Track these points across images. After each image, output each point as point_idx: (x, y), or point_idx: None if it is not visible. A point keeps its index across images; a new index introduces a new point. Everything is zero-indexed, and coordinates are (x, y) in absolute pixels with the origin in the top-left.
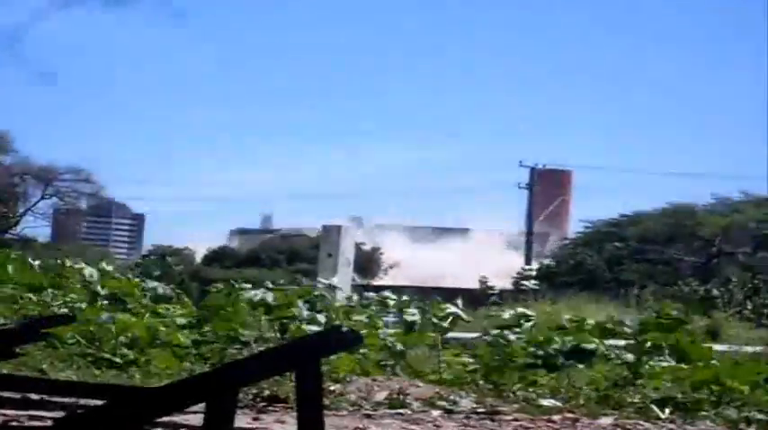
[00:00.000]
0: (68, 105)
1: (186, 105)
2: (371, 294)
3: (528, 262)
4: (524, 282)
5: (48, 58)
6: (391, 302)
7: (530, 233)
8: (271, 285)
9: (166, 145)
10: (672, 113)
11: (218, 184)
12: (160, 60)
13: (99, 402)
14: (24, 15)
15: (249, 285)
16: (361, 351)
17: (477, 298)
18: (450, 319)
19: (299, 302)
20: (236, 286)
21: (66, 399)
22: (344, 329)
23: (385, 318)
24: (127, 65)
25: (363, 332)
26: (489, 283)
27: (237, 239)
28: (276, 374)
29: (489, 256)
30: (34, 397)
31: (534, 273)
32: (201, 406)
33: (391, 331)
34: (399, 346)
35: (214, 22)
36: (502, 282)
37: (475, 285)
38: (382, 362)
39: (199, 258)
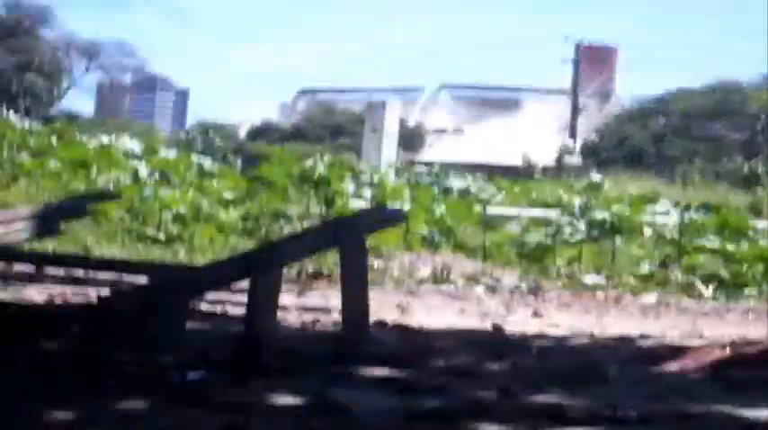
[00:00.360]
0: None
1: None
2: (420, 168)
3: (573, 137)
4: (568, 159)
5: None
6: (436, 176)
7: (575, 109)
8: (317, 160)
9: (211, 20)
10: None
11: (263, 59)
12: None
13: (143, 279)
14: None
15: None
16: (407, 227)
17: (521, 174)
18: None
19: (346, 177)
20: (282, 159)
21: (111, 277)
22: (388, 207)
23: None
24: None
25: (407, 208)
26: (532, 161)
27: (284, 111)
28: (320, 252)
29: (538, 132)
30: (79, 273)
31: (578, 148)
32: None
33: (436, 207)
34: (446, 221)
35: None
36: (546, 158)
37: (519, 162)
38: (427, 239)
39: (243, 133)
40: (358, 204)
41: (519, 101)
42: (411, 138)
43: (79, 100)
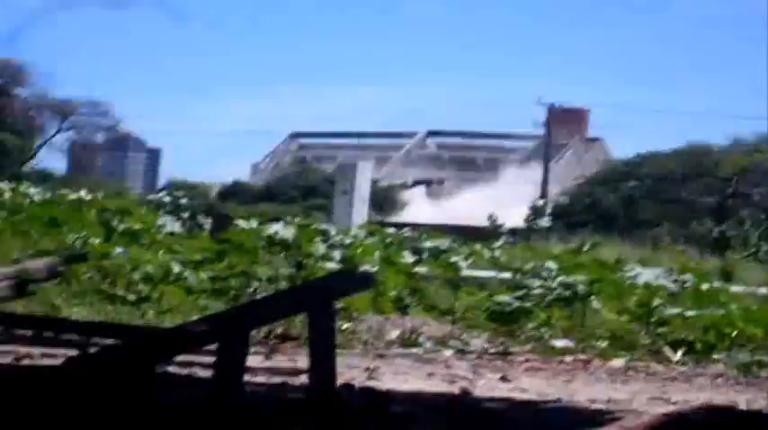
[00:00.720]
0: (86, 37)
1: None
2: (391, 230)
3: (543, 199)
4: (537, 221)
5: None
6: (407, 239)
7: (546, 171)
8: (288, 222)
9: (185, 79)
10: (689, 53)
11: (236, 119)
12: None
13: (111, 340)
14: None
15: (270, 222)
16: (376, 289)
17: (489, 235)
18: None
19: (316, 239)
20: (252, 222)
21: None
22: (358, 271)
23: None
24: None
25: (377, 269)
26: (501, 222)
27: (252, 174)
28: (289, 316)
29: (510, 194)
30: (47, 334)
31: (548, 210)
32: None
33: (407, 268)
34: (416, 283)
35: None
36: (517, 220)
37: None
38: (397, 301)
39: (214, 193)
40: (328, 267)
41: (495, 161)
42: (383, 200)
43: (52, 158)
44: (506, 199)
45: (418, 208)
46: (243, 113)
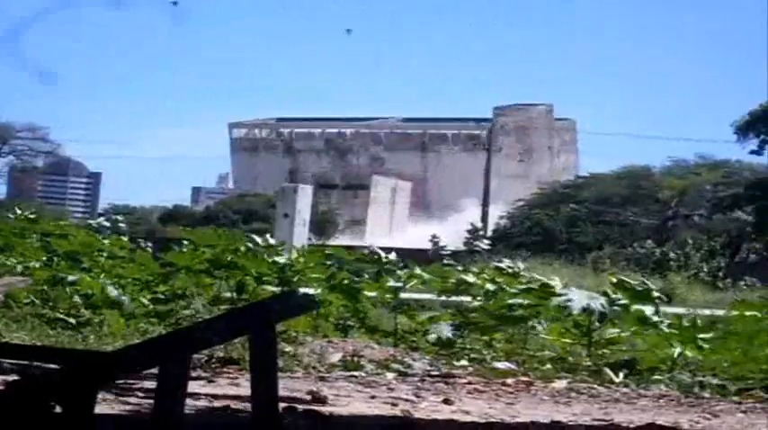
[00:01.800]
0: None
1: (143, 65)
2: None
3: (483, 221)
4: (477, 243)
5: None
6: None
7: (486, 192)
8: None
9: (124, 104)
10: (628, 74)
11: (176, 143)
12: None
13: (51, 365)
14: None
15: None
16: (318, 311)
17: (430, 258)
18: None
19: (258, 262)
20: (193, 244)
21: (18, 362)
22: (299, 293)
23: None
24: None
25: (319, 292)
26: (441, 243)
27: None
28: (229, 340)
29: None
30: None
31: (489, 232)
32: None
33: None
34: (358, 306)
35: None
36: (456, 242)
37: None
38: (339, 323)
39: (154, 217)
40: (270, 289)
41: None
42: (324, 223)
43: None
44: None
45: (356, 231)
46: (182, 138)
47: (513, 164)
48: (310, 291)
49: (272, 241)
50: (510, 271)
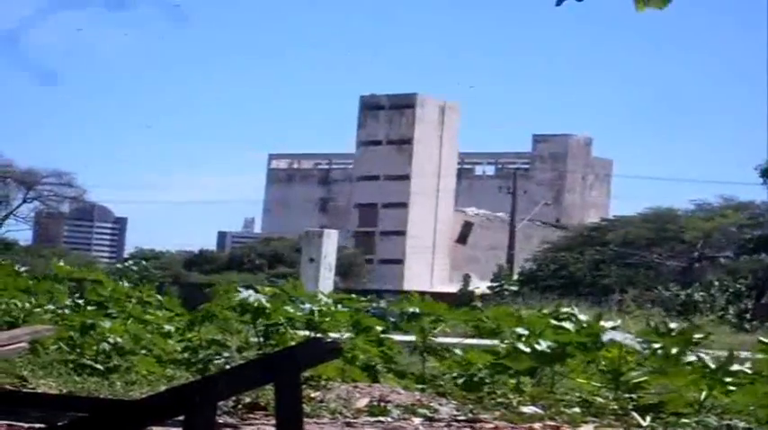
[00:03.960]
0: (52, 110)
1: (171, 110)
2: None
3: (510, 263)
4: (504, 285)
5: (31, 61)
6: (374, 305)
7: (512, 236)
8: (258, 290)
9: (150, 148)
10: (652, 118)
11: (202, 188)
12: (144, 66)
13: (76, 413)
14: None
15: (245, 290)
16: (345, 356)
17: (460, 301)
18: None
19: (286, 307)
20: (227, 290)
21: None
22: (326, 339)
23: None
24: (110, 70)
25: (347, 336)
26: (471, 287)
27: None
28: (256, 387)
29: (478, 259)
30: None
31: (515, 275)
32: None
33: (376, 335)
34: (385, 349)
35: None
36: (484, 285)
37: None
38: (366, 368)
39: (180, 262)
40: (298, 335)
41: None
42: (349, 267)
43: (16, 229)
44: (472, 259)
45: (384, 273)
46: (208, 183)
47: (545, 193)
48: (338, 336)
49: (301, 285)
50: (538, 313)
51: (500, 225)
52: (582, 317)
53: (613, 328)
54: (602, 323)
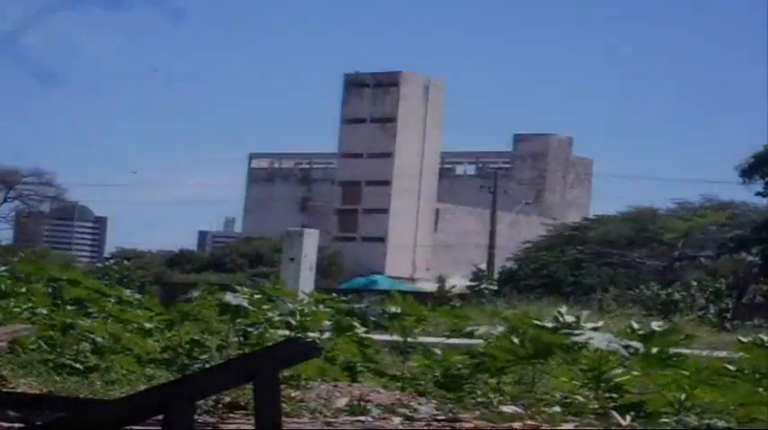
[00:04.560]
0: (32, 109)
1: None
2: (338, 296)
3: (490, 263)
4: (484, 285)
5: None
6: (354, 304)
7: (492, 236)
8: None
9: (131, 148)
10: (633, 117)
11: (182, 188)
12: (125, 65)
13: (56, 413)
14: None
15: (228, 294)
16: (325, 356)
17: (438, 300)
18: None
19: (265, 307)
20: (206, 291)
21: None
22: (303, 340)
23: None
24: (92, 70)
25: (327, 336)
26: (448, 285)
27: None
28: (233, 387)
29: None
30: None
31: (495, 274)
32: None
33: (356, 335)
34: (365, 349)
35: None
36: (462, 284)
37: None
38: (346, 368)
39: (161, 262)
40: (278, 334)
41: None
42: (330, 266)
43: None
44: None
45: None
46: (189, 183)
47: (525, 194)
48: (318, 335)
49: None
50: (519, 312)
51: (478, 215)
52: (568, 318)
53: (595, 329)
54: (582, 323)
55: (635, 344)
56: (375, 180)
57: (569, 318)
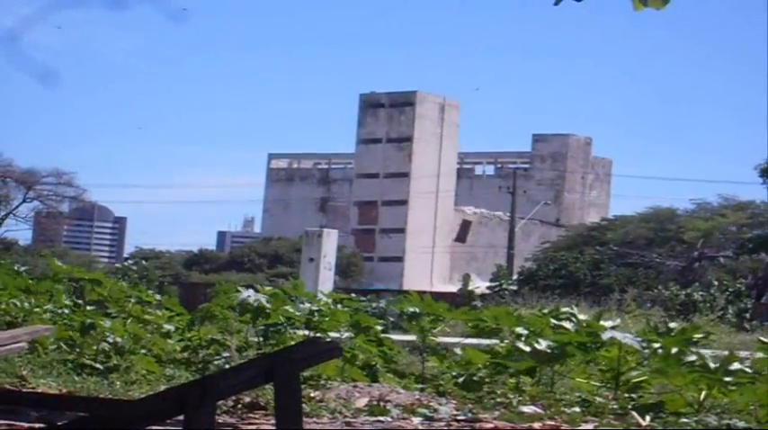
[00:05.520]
0: (51, 110)
1: (171, 110)
2: (358, 296)
3: (510, 263)
4: (504, 285)
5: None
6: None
7: (511, 238)
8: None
9: (150, 148)
10: (653, 117)
11: (202, 188)
12: (145, 66)
13: (76, 413)
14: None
15: (246, 289)
16: (345, 356)
17: (460, 300)
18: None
19: (286, 307)
20: (226, 290)
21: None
22: (323, 340)
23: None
24: (107, 70)
25: (347, 336)
26: (471, 286)
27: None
28: (255, 387)
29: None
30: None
31: (515, 274)
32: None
33: (376, 335)
34: (385, 349)
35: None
36: (483, 284)
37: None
38: (366, 368)
39: (180, 262)
40: (298, 334)
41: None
42: (350, 266)
43: (16, 229)
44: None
45: (384, 272)
46: (208, 183)
47: (544, 194)
48: (338, 335)
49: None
50: (538, 313)
51: (498, 223)
52: (582, 316)
53: (613, 328)
54: (601, 322)
55: (653, 343)
56: (392, 200)
57: (585, 317)
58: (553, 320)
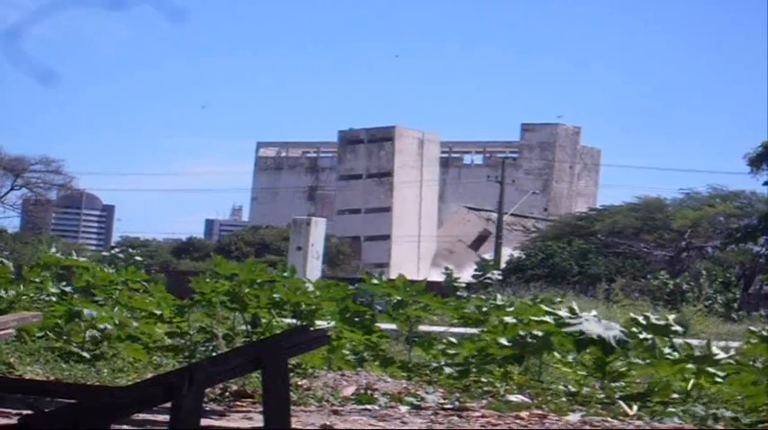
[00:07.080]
0: (41, 98)
1: (159, 99)
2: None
3: (497, 253)
4: (489, 275)
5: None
6: (362, 293)
7: (499, 226)
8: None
9: (139, 137)
10: (642, 107)
11: (190, 176)
12: (135, 56)
13: (63, 400)
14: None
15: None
16: (332, 345)
17: (445, 290)
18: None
19: (273, 296)
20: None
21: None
22: (311, 329)
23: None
24: (97, 59)
25: (334, 325)
26: (455, 275)
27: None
28: (242, 375)
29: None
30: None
31: (502, 264)
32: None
33: (363, 323)
34: (372, 338)
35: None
36: (468, 274)
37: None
38: (353, 356)
39: (168, 250)
40: (285, 323)
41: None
42: (337, 255)
43: (4, 216)
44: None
45: (370, 261)
46: (196, 172)
47: (532, 183)
48: (325, 324)
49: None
50: (525, 303)
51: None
52: (573, 305)
53: (594, 316)
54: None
55: (641, 334)
56: (374, 235)
57: (563, 310)
58: (544, 307)
